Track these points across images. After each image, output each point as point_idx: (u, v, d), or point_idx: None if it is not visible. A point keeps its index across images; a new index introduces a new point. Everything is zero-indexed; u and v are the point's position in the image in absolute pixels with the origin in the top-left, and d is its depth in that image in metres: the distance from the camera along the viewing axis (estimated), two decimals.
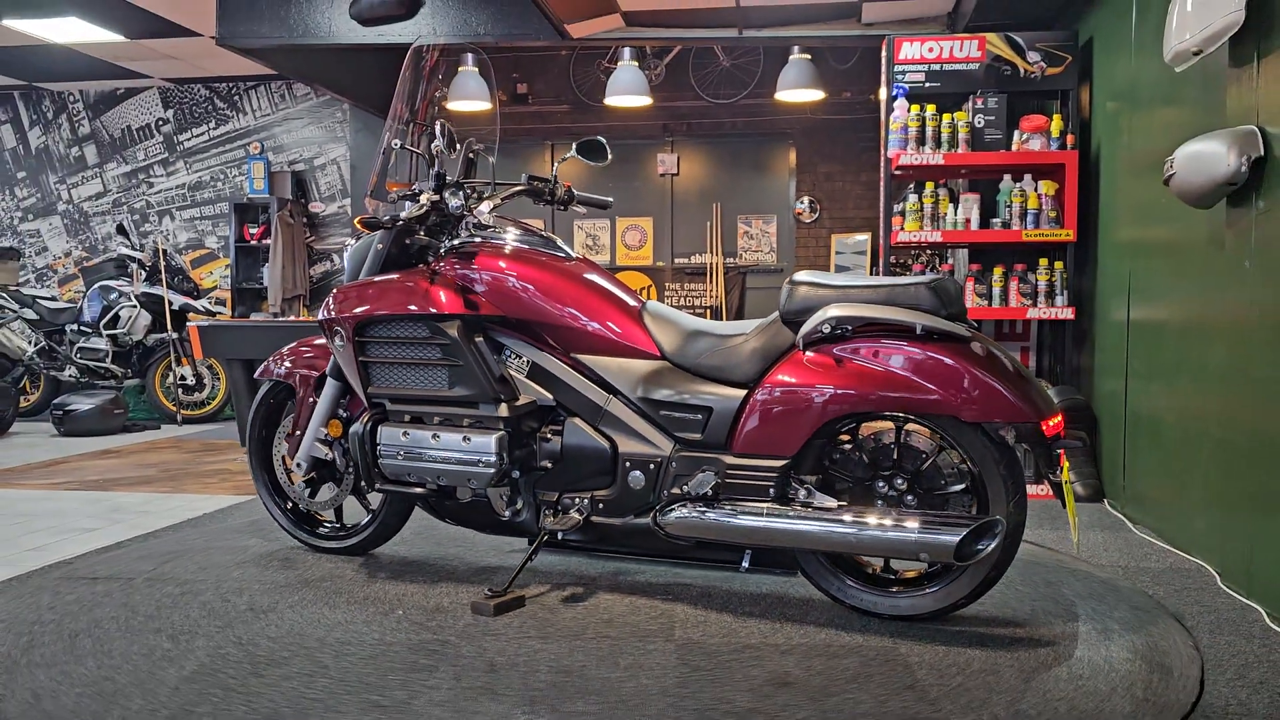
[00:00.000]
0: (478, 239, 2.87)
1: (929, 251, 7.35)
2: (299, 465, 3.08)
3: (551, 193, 2.99)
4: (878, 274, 7.94)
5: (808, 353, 2.41)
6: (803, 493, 2.43)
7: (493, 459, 2.67)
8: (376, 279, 2.84)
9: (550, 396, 2.74)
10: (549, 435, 2.74)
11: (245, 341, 5.90)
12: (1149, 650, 2.33)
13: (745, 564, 2.56)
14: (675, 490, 2.53)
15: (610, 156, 2.91)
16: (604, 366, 2.70)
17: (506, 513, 2.79)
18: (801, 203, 8.57)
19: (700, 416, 2.54)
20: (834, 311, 2.37)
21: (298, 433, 3.09)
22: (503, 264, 2.80)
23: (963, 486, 2.38)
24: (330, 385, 3.05)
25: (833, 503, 2.41)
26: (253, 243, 8.85)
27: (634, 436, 2.62)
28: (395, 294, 2.80)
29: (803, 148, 8.64)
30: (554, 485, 2.75)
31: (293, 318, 8.02)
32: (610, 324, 2.72)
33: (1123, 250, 4.15)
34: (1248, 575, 2.81)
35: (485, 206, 2.82)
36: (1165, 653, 2.32)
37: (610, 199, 3.12)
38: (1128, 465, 3.92)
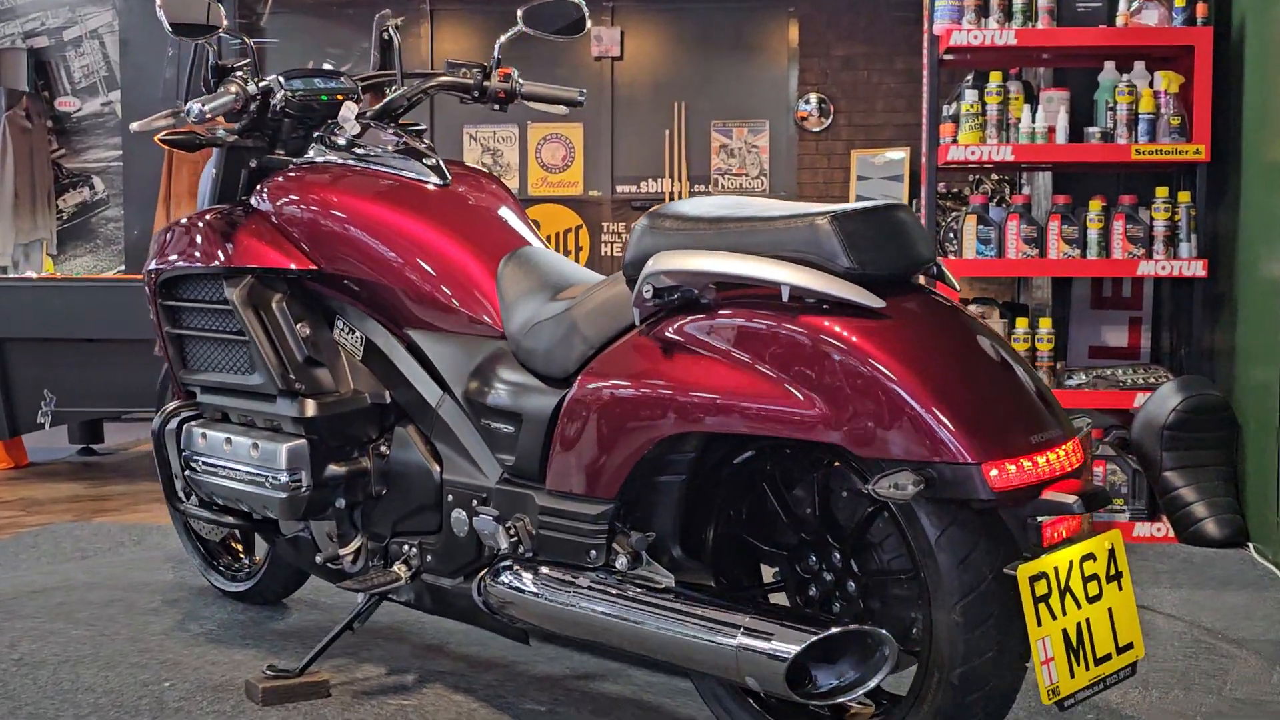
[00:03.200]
0: (321, 160, 2.99)
1: (994, 176, 7.41)
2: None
3: (480, 89, 3.08)
4: (918, 209, 8.00)
5: (644, 331, 2.32)
6: (623, 559, 2.34)
7: (283, 477, 2.77)
8: (197, 216, 3.03)
9: (386, 392, 2.84)
10: (383, 449, 2.84)
11: None
12: None
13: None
14: (505, 542, 2.55)
15: (588, 26, 3.06)
16: (437, 349, 2.76)
17: (343, 559, 2.85)
18: (807, 103, 8.57)
19: (512, 429, 2.56)
20: (657, 265, 2.24)
21: None
22: (321, 196, 2.88)
23: (909, 568, 2.17)
24: None
25: (665, 577, 2.32)
26: None
27: (461, 456, 2.68)
28: (194, 238, 2.95)
29: (809, 20, 8.64)
30: (384, 523, 2.82)
31: (32, 274, 7.86)
32: (446, 285, 2.74)
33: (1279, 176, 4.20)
34: None
35: (349, 110, 2.89)
36: None
37: (579, 94, 3.16)
38: None
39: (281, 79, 3.01)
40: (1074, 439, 2.07)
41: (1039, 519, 2.01)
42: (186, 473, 3.11)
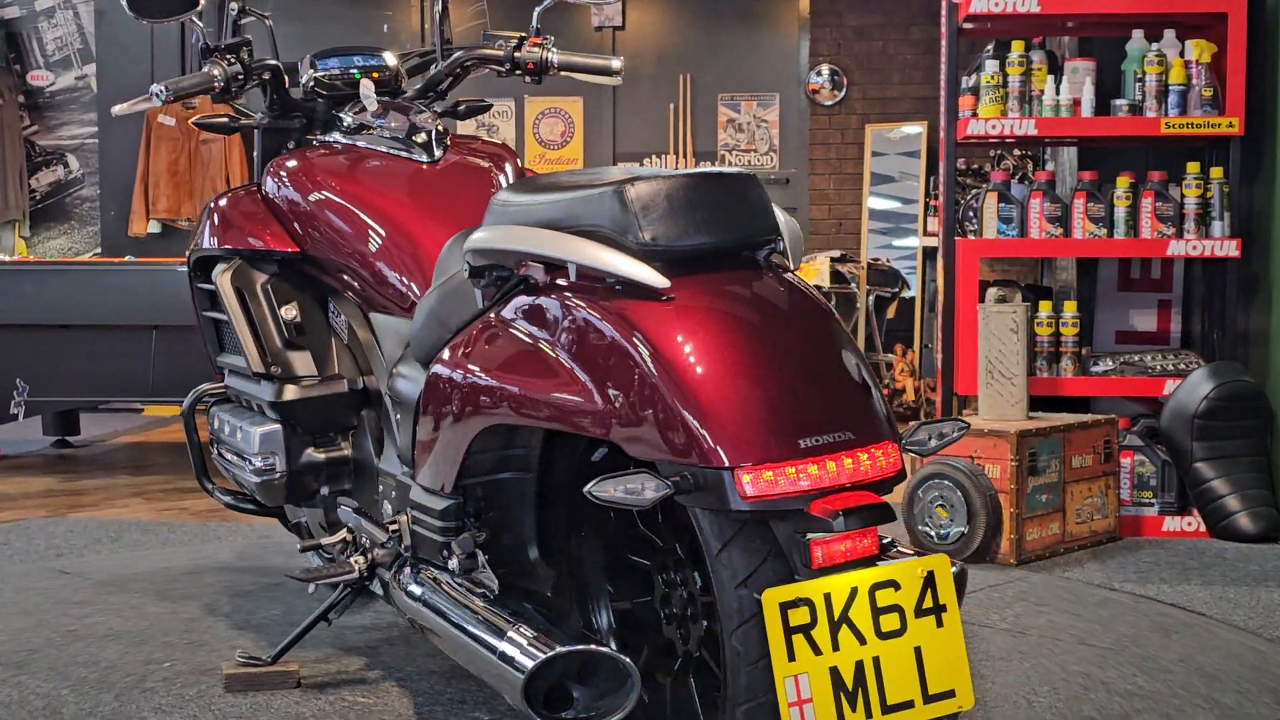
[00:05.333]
0: (331, 140, 3.08)
1: (1016, 152, 7.39)
2: None
3: (511, 60, 3.06)
4: (935, 188, 7.98)
5: (482, 316, 2.31)
6: (454, 559, 2.33)
7: (256, 461, 2.88)
8: (217, 197, 3.19)
9: (363, 378, 2.94)
10: (358, 437, 2.95)
11: None
12: None
13: None
14: (386, 536, 2.63)
15: None
16: (384, 332, 2.84)
17: (327, 549, 2.91)
18: (819, 75, 8.56)
19: (400, 418, 2.64)
20: (468, 243, 2.26)
21: None
22: (307, 178, 2.96)
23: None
24: None
25: (490, 581, 2.30)
26: None
27: (391, 445, 2.73)
28: (211, 219, 3.11)
29: None
30: (354, 513, 2.91)
31: (4, 256, 7.86)
32: (394, 267, 2.77)
33: None
34: None
35: (367, 88, 2.92)
36: None
37: (615, 62, 3.08)
38: None
39: (315, 59, 3.07)
40: (883, 444, 1.90)
41: (807, 536, 1.84)
42: (215, 455, 3.24)
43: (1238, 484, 4.37)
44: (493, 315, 2.24)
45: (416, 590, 2.40)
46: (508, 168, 2.97)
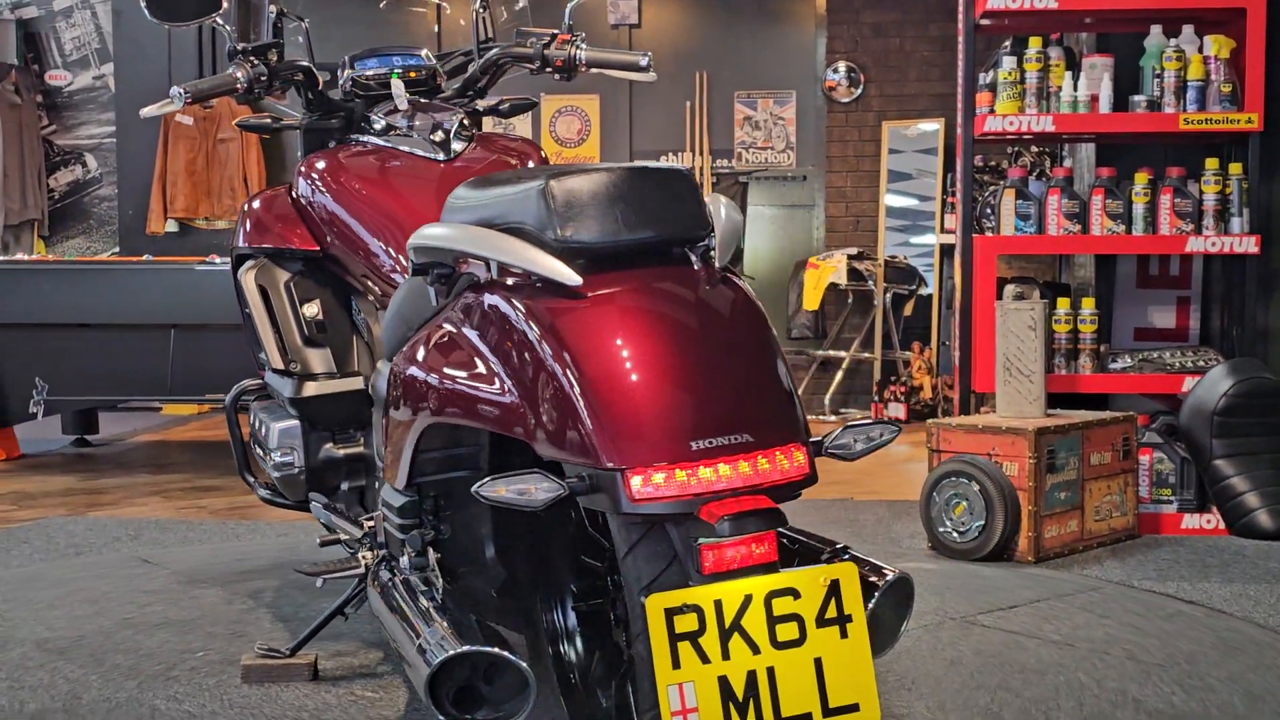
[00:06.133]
0: (362, 140, 3.08)
1: (1033, 148, 7.37)
2: None
3: (541, 57, 3.05)
4: (953, 185, 7.96)
5: (436, 314, 2.32)
6: (406, 556, 2.34)
7: (275, 456, 2.93)
8: (251, 196, 3.26)
9: None
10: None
11: None
12: None
13: None
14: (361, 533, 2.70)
15: None
16: (379, 323, 2.88)
17: (347, 545, 2.93)
18: (836, 72, 8.55)
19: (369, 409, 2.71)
20: (409, 242, 2.27)
21: None
22: (328, 177, 2.99)
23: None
24: None
25: (436, 579, 2.31)
26: None
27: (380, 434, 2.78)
28: (244, 218, 3.15)
29: None
30: (371, 510, 2.94)
31: (23, 256, 7.89)
32: (399, 261, 2.80)
33: None
34: None
35: (397, 87, 2.95)
36: None
37: (643, 58, 3.06)
38: None
39: (353, 60, 3.09)
40: (788, 448, 1.86)
41: (698, 541, 1.81)
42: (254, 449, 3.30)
43: (1257, 481, 4.37)
44: (442, 313, 2.25)
45: (376, 587, 2.42)
46: (530, 164, 2.97)
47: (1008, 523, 4.01)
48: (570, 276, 1.93)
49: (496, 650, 1.91)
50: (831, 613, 1.82)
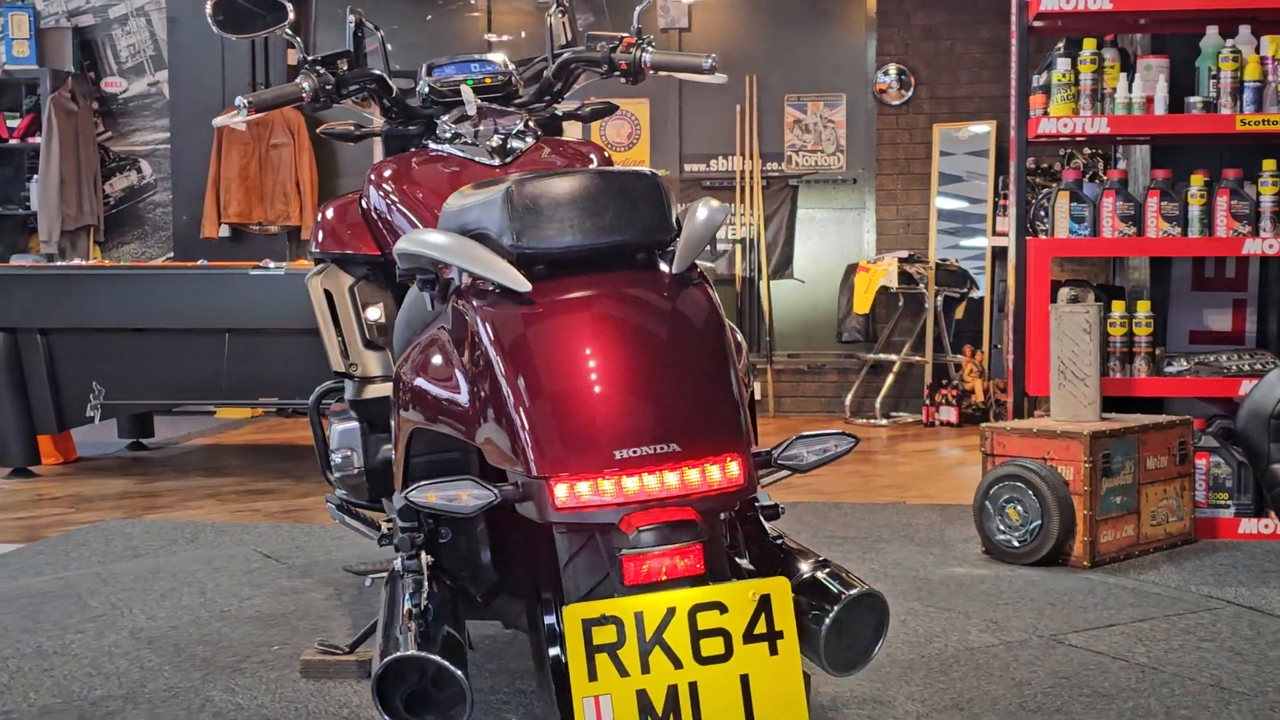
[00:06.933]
0: (434, 147, 3.07)
1: (1086, 150, 7.33)
2: None
3: (609, 61, 3.02)
4: (1004, 188, 7.93)
5: (432, 319, 2.37)
6: (399, 559, 2.32)
7: (337, 458, 2.93)
8: (327, 203, 3.26)
9: None
10: None
11: (3, 301, 5.89)
12: None
13: None
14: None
15: None
16: None
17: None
18: (886, 74, 8.53)
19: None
20: (394, 250, 2.30)
21: None
22: (390, 184, 3.00)
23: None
24: None
25: (427, 583, 2.27)
26: (13, 142, 8.78)
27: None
28: (317, 225, 3.17)
29: None
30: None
31: (79, 261, 7.98)
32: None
33: None
34: None
35: (467, 94, 2.93)
36: None
37: (707, 60, 3.02)
38: None
39: (430, 67, 3.07)
40: (722, 458, 1.83)
41: (621, 552, 1.78)
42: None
43: None
44: (433, 321, 2.29)
45: (387, 587, 2.42)
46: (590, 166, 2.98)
47: (1063, 527, 3.99)
48: (520, 283, 1.94)
49: (435, 658, 1.89)
50: (761, 628, 1.78)
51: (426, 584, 2.15)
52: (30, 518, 5.12)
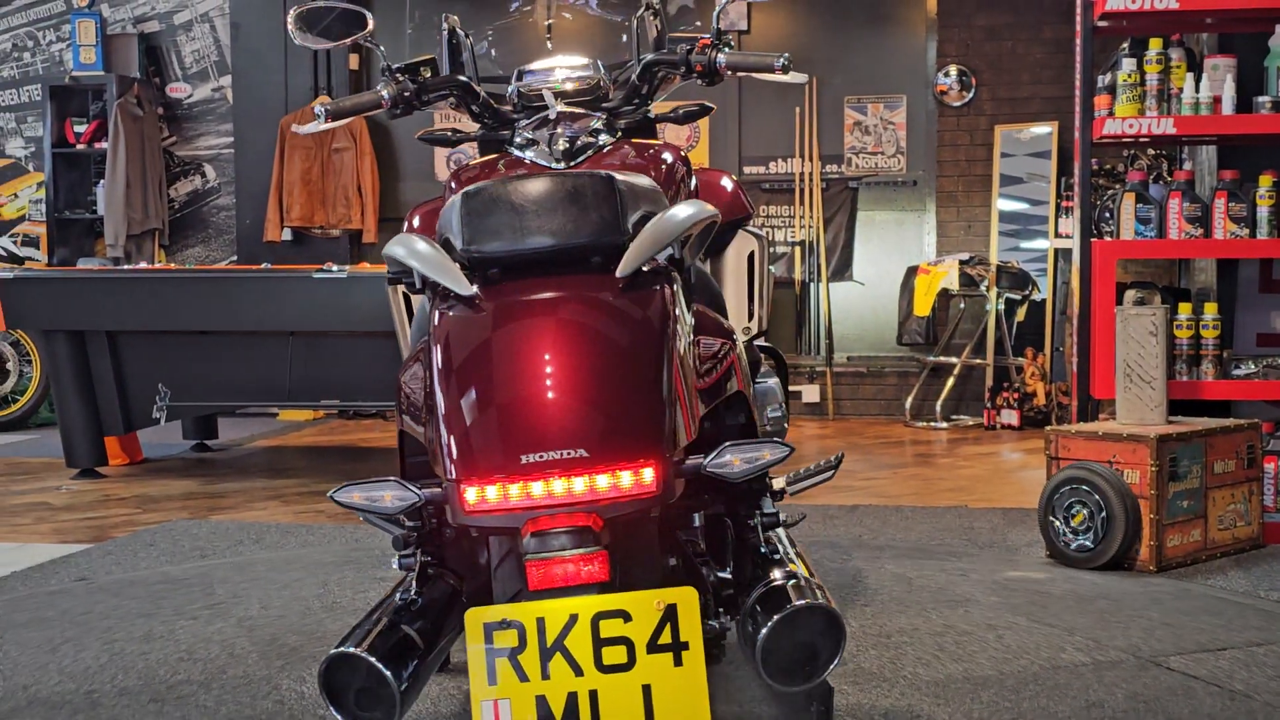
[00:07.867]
0: (515, 151, 3.08)
1: (1150, 151, 7.26)
2: None
3: (686, 63, 2.96)
4: (1066, 189, 7.86)
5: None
6: (396, 558, 2.31)
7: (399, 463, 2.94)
8: (417, 207, 3.34)
9: None
10: None
11: (71, 304, 5.93)
12: None
13: None
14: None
15: None
16: None
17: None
18: (947, 76, 8.48)
19: None
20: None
21: None
22: (457, 185, 3.01)
23: None
24: None
25: (414, 583, 2.27)
26: (80, 147, 8.89)
27: None
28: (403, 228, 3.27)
29: None
30: None
31: (145, 265, 8.06)
32: None
33: None
34: None
35: (549, 98, 2.90)
36: None
37: (779, 60, 2.95)
38: None
39: (520, 72, 3.04)
40: (635, 464, 1.82)
41: (525, 557, 1.79)
42: None
43: None
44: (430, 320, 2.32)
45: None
46: (663, 168, 2.88)
47: (1128, 531, 3.95)
48: (464, 287, 1.97)
49: (366, 657, 1.87)
50: (665, 639, 1.77)
51: (414, 583, 2.15)
52: (98, 518, 5.19)
